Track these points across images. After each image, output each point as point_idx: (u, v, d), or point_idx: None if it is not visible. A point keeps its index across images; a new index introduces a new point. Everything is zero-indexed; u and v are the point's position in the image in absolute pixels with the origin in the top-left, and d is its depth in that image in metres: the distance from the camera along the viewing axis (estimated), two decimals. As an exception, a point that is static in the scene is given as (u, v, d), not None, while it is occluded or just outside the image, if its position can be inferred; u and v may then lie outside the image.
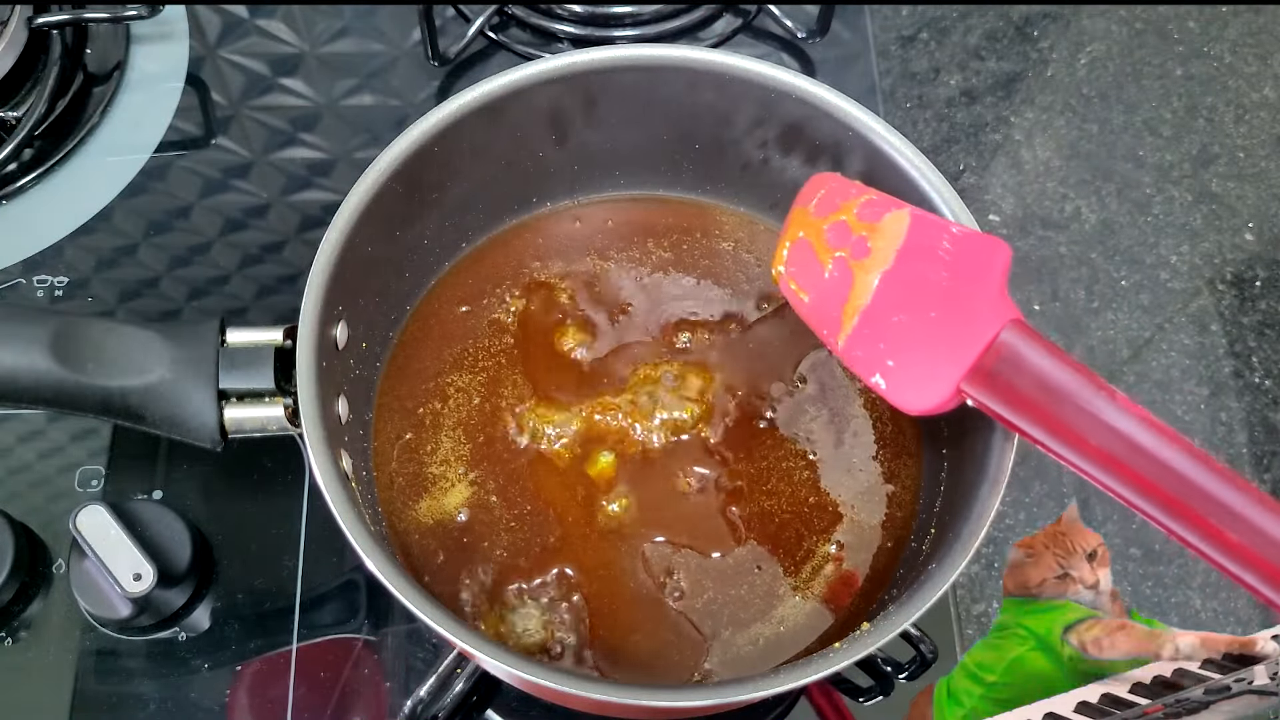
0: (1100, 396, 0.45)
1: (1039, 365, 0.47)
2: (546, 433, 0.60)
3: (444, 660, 0.59)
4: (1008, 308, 0.48)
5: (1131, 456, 0.44)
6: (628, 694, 0.46)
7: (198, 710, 0.60)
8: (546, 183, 0.65)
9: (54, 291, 0.71)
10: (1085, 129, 0.87)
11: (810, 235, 0.52)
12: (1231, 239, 0.83)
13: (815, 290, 0.52)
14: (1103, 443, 0.45)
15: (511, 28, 0.82)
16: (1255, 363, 0.78)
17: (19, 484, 0.66)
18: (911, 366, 0.49)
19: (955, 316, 0.48)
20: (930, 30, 0.90)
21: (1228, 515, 0.42)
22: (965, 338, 0.48)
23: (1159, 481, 0.44)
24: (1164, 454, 0.44)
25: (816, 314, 0.53)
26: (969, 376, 0.48)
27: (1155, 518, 0.44)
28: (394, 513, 0.58)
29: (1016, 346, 0.47)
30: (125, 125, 0.78)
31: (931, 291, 0.49)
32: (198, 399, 0.52)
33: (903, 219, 0.51)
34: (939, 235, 0.50)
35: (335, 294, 0.54)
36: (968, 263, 0.49)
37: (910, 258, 0.50)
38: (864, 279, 0.50)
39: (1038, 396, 0.46)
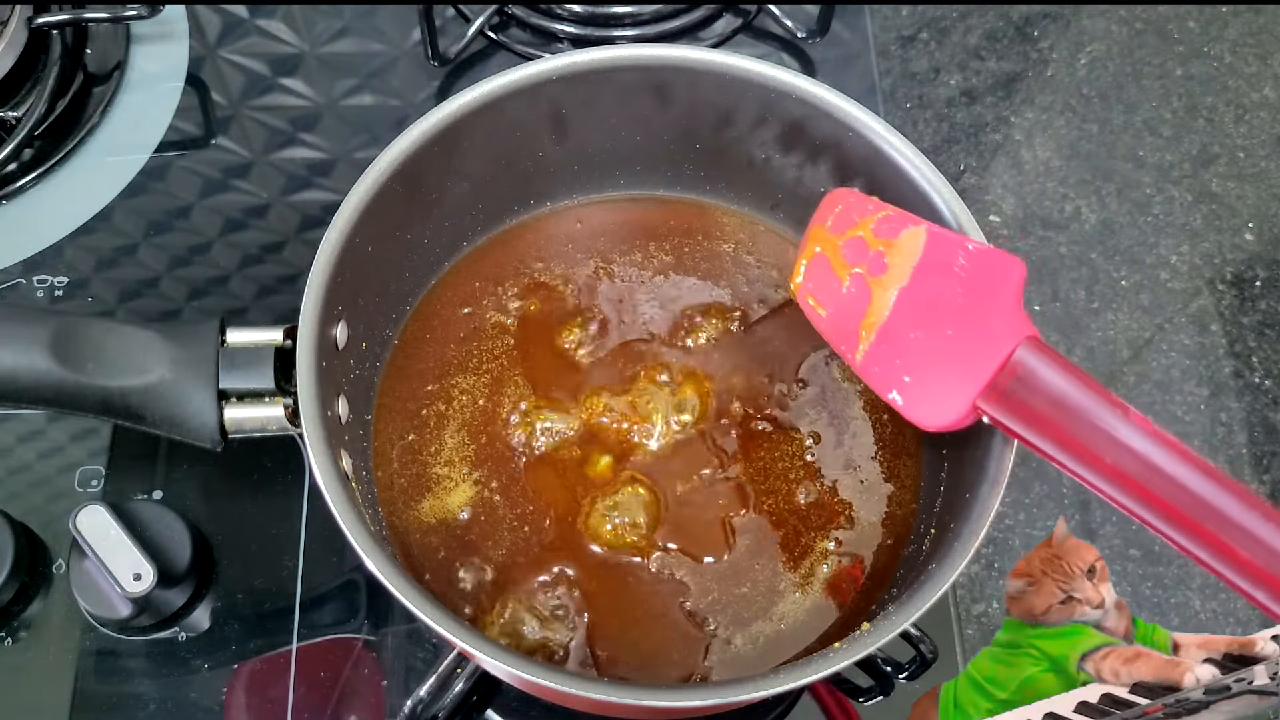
0: (1115, 414, 0.45)
1: (1054, 383, 0.47)
2: (546, 433, 0.60)
3: (444, 660, 0.59)
4: (1023, 324, 0.48)
5: (1145, 474, 0.44)
6: (628, 694, 0.46)
7: (198, 710, 0.60)
8: (546, 183, 0.66)
9: (54, 291, 0.71)
10: (1085, 129, 0.87)
11: (827, 251, 0.53)
12: (1231, 239, 0.83)
13: (833, 306, 0.52)
14: (1117, 460, 0.45)
15: (511, 28, 0.82)
16: (1255, 363, 0.78)
17: (19, 484, 0.66)
18: (928, 383, 0.50)
19: (971, 334, 0.49)
20: (930, 30, 0.90)
21: (1239, 532, 0.43)
22: (981, 355, 0.48)
23: (1172, 500, 0.44)
24: (1177, 472, 0.44)
25: (834, 329, 0.53)
26: (984, 394, 0.48)
27: (1168, 534, 0.44)
28: (394, 513, 0.58)
29: (1031, 364, 0.47)
30: (125, 125, 0.78)
31: (948, 308, 0.49)
32: (198, 399, 0.52)
33: (919, 235, 0.51)
34: (955, 251, 0.50)
35: (335, 294, 0.54)
36: (983, 279, 0.49)
37: (927, 274, 0.50)
38: (881, 295, 0.50)
39: (1052, 414, 0.47)
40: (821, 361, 0.62)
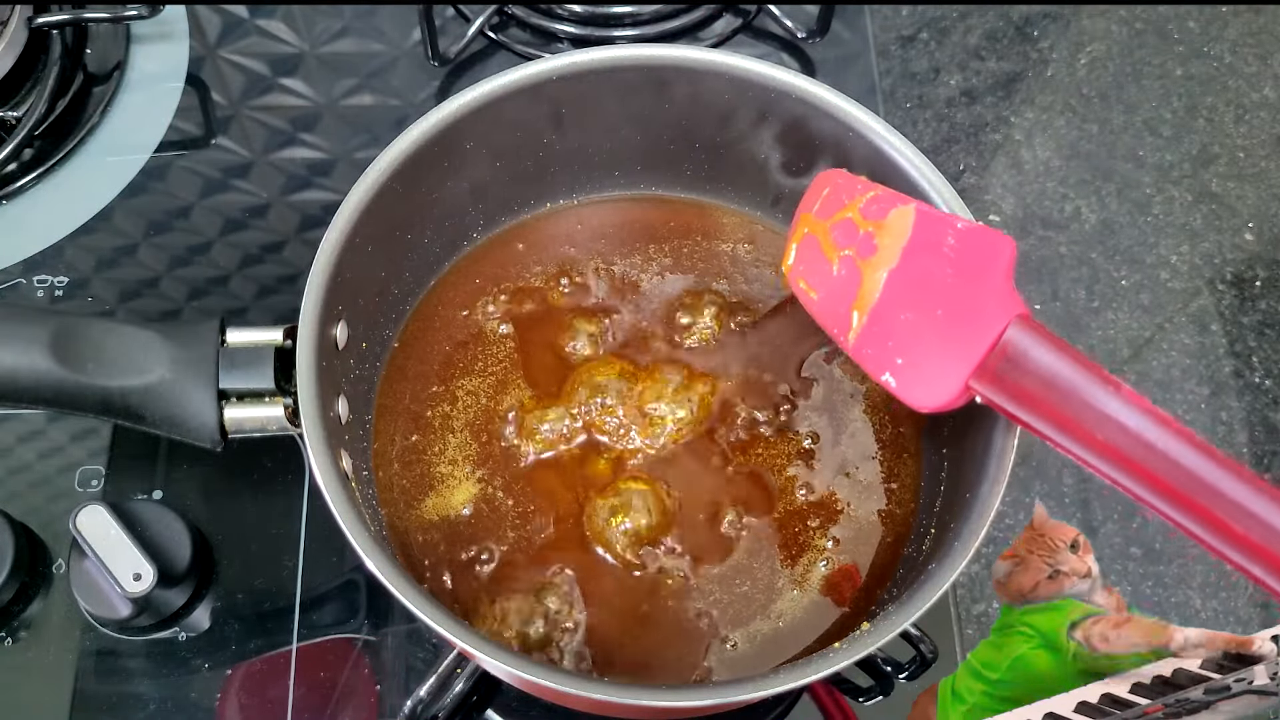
0: (1106, 390, 0.45)
1: (1044, 360, 0.47)
2: (546, 433, 0.60)
3: (444, 660, 0.59)
4: (1014, 303, 0.48)
5: (1137, 450, 0.44)
6: (628, 694, 0.46)
7: (198, 710, 0.60)
8: (546, 183, 0.66)
9: (54, 291, 0.71)
10: (1085, 129, 0.87)
11: (817, 233, 0.53)
12: (1231, 239, 0.83)
13: (824, 289, 0.52)
14: (1109, 437, 0.45)
15: (511, 28, 0.82)
16: (1255, 363, 0.78)
17: (19, 484, 0.66)
18: (920, 364, 0.49)
19: (962, 313, 0.48)
20: (930, 30, 0.90)
21: (1231, 506, 0.43)
22: (972, 335, 0.48)
23: (1164, 475, 0.44)
24: (1169, 447, 0.44)
25: (826, 312, 0.53)
26: (976, 373, 0.48)
27: (1161, 510, 0.44)
28: (394, 512, 0.58)
29: (1022, 342, 0.47)
30: (125, 125, 0.78)
31: (938, 288, 0.49)
32: (198, 399, 0.52)
33: (908, 215, 0.51)
34: (944, 231, 0.50)
35: (335, 294, 0.54)
36: (973, 258, 0.49)
37: (916, 255, 0.50)
38: (871, 277, 0.50)
39: (1044, 392, 0.46)
40: (822, 361, 0.62)
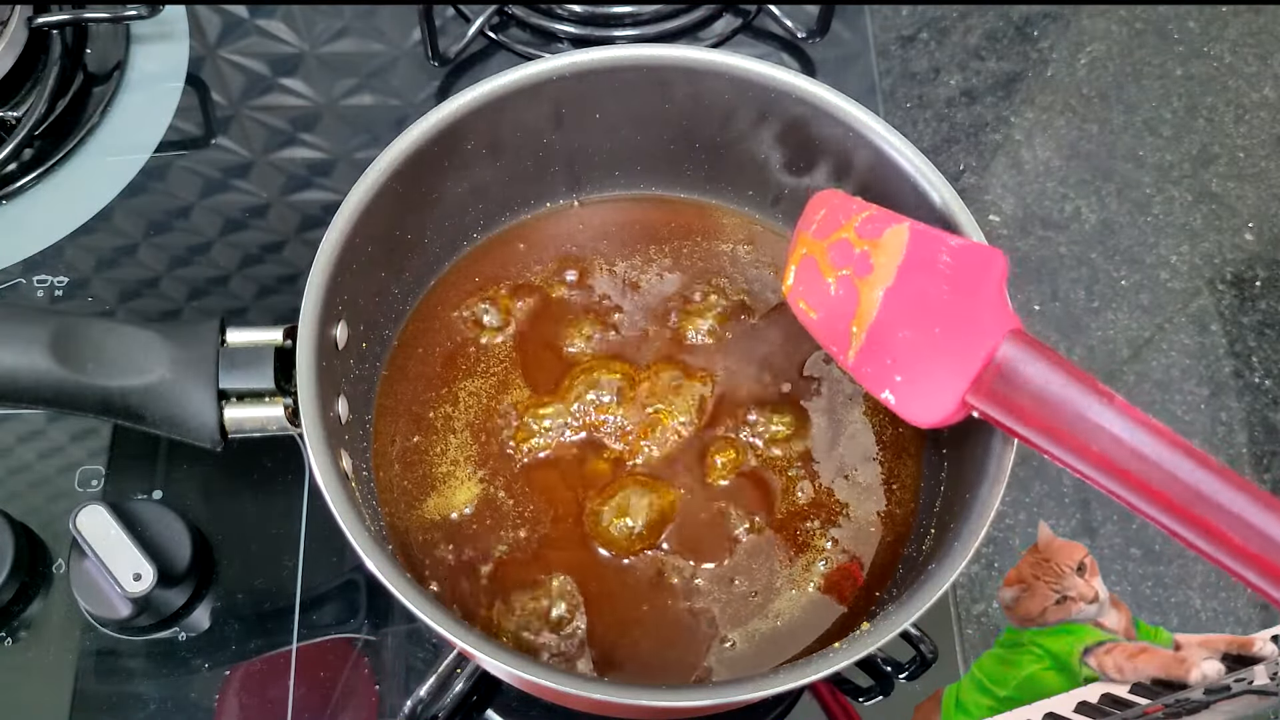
0: (1100, 402, 0.46)
1: (1038, 375, 0.47)
2: (547, 434, 0.60)
3: (444, 660, 0.59)
4: (1007, 318, 0.49)
5: (1133, 461, 0.45)
6: (628, 694, 0.46)
7: (198, 710, 0.60)
8: (546, 183, 0.65)
9: (54, 291, 0.71)
10: (1085, 129, 0.87)
11: (815, 253, 0.53)
12: (1231, 239, 0.83)
13: (823, 308, 0.53)
14: (1105, 449, 0.45)
15: (511, 28, 0.82)
16: (1255, 363, 0.78)
17: (19, 484, 0.66)
18: (918, 382, 0.50)
19: (957, 330, 0.49)
20: (930, 30, 0.90)
21: (1228, 515, 0.43)
22: (967, 351, 0.49)
23: (1160, 485, 0.44)
24: (1165, 458, 0.44)
25: (825, 331, 0.53)
26: (972, 389, 0.48)
27: (1159, 520, 0.45)
28: (394, 513, 0.58)
29: (1015, 359, 0.48)
30: (125, 125, 0.78)
31: (934, 306, 0.50)
32: (198, 399, 0.52)
33: (902, 234, 0.51)
34: (938, 248, 0.51)
35: (335, 294, 0.54)
36: (967, 274, 0.50)
37: (911, 272, 0.50)
38: (869, 295, 0.51)
39: (1038, 406, 0.47)
40: (822, 361, 0.62)
